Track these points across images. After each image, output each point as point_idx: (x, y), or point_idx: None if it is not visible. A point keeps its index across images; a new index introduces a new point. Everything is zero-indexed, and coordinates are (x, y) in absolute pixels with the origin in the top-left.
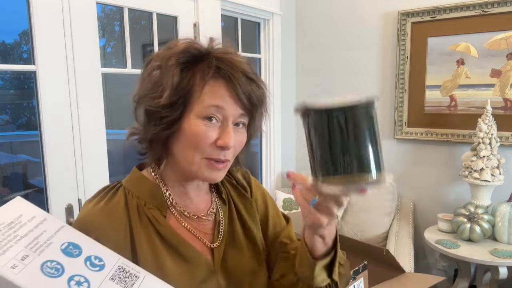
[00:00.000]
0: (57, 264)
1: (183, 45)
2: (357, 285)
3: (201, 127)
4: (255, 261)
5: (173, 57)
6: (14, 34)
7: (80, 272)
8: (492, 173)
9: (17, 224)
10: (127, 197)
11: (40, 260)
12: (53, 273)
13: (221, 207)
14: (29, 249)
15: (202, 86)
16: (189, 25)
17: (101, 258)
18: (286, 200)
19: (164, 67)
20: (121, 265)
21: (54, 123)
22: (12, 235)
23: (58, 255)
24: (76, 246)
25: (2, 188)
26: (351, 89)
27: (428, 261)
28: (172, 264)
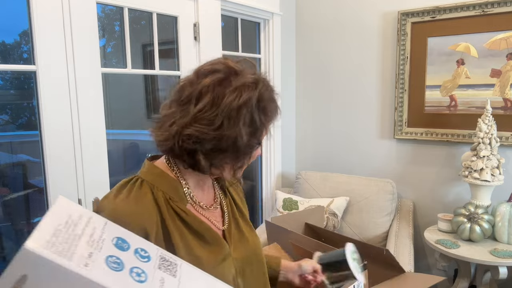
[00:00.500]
0: (117, 259)
1: (264, 91)
2: (357, 285)
3: (260, 149)
4: (253, 237)
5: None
6: (14, 34)
7: (136, 264)
8: (492, 173)
9: (71, 224)
10: (153, 190)
11: (102, 255)
12: (116, 267)
13: (223, 198)
14: (90, 246)
15: (272, 122)
16: (189, 25)
17: (146, 250)
18: (286, 200)
19: (263, 113)
20: (161, 255)
21: (54, 123)
22: (72, 234)
23: (114, 250)
24: (123, 240)
25: (2, 188)
26: (351, 89)
27: (428, 261)
28: (199, 248)
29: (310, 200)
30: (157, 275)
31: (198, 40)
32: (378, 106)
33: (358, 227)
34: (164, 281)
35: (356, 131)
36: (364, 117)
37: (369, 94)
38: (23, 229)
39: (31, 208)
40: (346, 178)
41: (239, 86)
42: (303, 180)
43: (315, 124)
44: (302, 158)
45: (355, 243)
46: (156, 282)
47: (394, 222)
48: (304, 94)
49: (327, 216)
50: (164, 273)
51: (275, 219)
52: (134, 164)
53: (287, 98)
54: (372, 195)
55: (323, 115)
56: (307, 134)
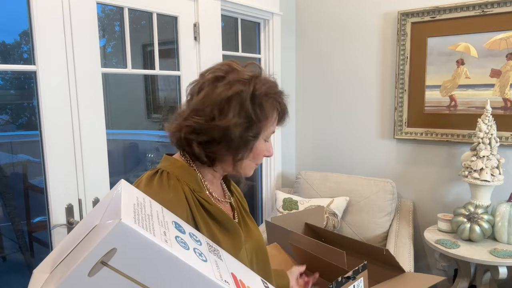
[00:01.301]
0: (182, 239)
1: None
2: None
3: (264, 145)
4: (257, 231)
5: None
6: (14, 34)
7: (195, 246)
8: (491, 173)
9: (140, 205)
10: (180, 182)
11: (172, 235)
12: (184, 246)
13: (230, 195)
14: (161, 226)
15: (271, 117)
16: (189, 25)
17: (196, 235)
18: (286, 200)
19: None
20: (207, 241)
21: (54, 123)
22: (145, 214)
23: (177, 232)
24: (179, 224)
25: (2, 188)
26: (351, 89)
27: (428, 261)
28: (221, 236)
29: (310, 200)
30: (211, 257)
31: (198, 40)
32: (378, 106)
33: (358, 227)
34: (217, 263)
35: (356, 131)
36: (364, 117)
37: (369, 94)
38: (23, 229)
39: (31, 208)
40: (346, 178)
41: (232, 81)
42: (303, 180)
43: (315, 124)
44: (302, 158)
45: (355, 243)
46: (213, 263)
47: (394, 222)
48: (304, 94)
49: (327, 216)
50: (215, 256)
51: (275, 219)
52: (134, 164)
53: (287, 98)
54: (372, 195)
55: (323, 115)
56: (307, 134)
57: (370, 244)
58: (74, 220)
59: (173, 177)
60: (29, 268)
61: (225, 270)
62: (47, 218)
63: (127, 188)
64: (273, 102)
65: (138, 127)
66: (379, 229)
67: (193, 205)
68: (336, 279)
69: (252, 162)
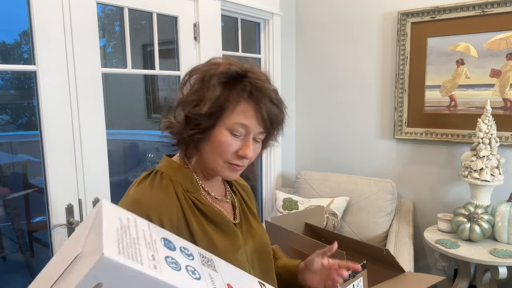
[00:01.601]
0: (172, 259)
1: (224, 66)
2: (357, 284)
3: (227, 138)
4: (262, 233)
5: (215, 76)
6: (14, 34)
7: (187, 263)
8: (491, 173)
9: (125, 228)
10: (173, 183)
11: (161, 256)
12: (175, 267)
13: (233, 195)
14: (148, 248)
15: (235, 105)
16: (189, 25)
17: (187, 248)
18: (285, 200)
19: (207, 83)
20: (199, 252)
21: (54, 123)
22: (130, 238)
23: (166, 250)
24: (168, 240)
25: (2, 188)
26: (351, 89)
27: (427, 261)
28: (216, 235)
29: (310, 200)
30: (205, 272)
31: (198, 40)
32: (378, 106)
33: (358, 227)
34: (212, 276)
35: (356, 131)
36: (364, 117)
37: (369, 94)
38: (23, 229)
39: (31, 208)
40: (346, 178)
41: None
42: (303, 180)
43: (315, 124)
44: (302, 158)
45: (355, 243)
46: (207, 278)
47: (394, 222)
48: (304, 94)
49: (327, 216)
50: (209, 269)
51: (275, 219)
52: (134, 164)
53: (287, 98)
54: (372, 195)
55: (323, 115)
56: (307, 134)
57: (370, 244)
58: (74, 220)
59: (166, 177)
60: (29, 268)
61: (220, 283)
62: (47, 218)
63: (109, 210)
64: (238, 89)
65: (138, 127)
66: (379, 229)
67: (185, 206)
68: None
69: (217, 156)
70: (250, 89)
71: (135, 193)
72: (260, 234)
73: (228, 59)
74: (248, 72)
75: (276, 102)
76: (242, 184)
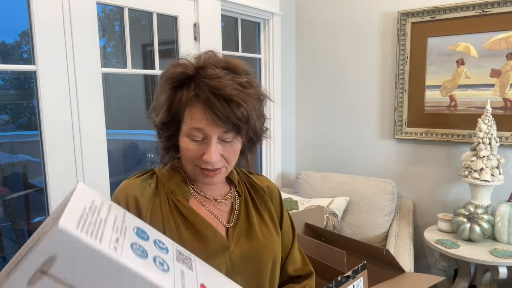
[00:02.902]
0: (140, 247)
1: (179, 69)
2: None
3: (188, 144)
4: (267, 238)
5: (168, 81)
6: (14, 34)
7: (157, 254)
8: (491, 173)
9: (95, 209)
10: (158, 184)
11: (127, 242)
12: (141, 254)
13: (237, 197)
14: (115, 232)
15: (184, 110)
16: (189, 25)
17: (163, 242)
18: (286, 200)
19: (162, 89)
20: (177, 248)
21: (54, 123)
22: (97, 219)
23: (136, 238)
24: (143, 231)
25: (2, 188)
26: (351, 89)
27: (428, 261)
28: (190, 239)
29: (310, 200)
30: (177, 267)
31: (198, 40)
32: (378, 106)
33: (358, 227)
34: (184, 273)
35: (356, 131)
36: (364, 117)
37: (369, 94)
38: (23, 229)
39: (31, 208)
40: (346, 178)
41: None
42: (303, 180)
43: (315, 124)
44: (302, 158)
45: (355, 243)
46: (177, 273)
47: (394, 222)
48: (304, 94)
49: (327, 216)
50: (183, 266)
51: None
52: (134, 164)
53: (287, 98)
54: (372, 195)
55: (323, 115)
56: (307, 134)
57: (370, 244)
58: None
59: (155, 178)
60: None
61: (193, 281)
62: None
63: (84, 191)
64: (186, 92)
65: (138, 127)
66: (379, 229)
67: (165, 204)
68: (335, 278)
69: (187, 161)
70: (195, 90)
71: (122, 184)
72: (260, 239)
73: (195, 57)
74: (200, 70)
75: (231, 97)
76: (261, 186)
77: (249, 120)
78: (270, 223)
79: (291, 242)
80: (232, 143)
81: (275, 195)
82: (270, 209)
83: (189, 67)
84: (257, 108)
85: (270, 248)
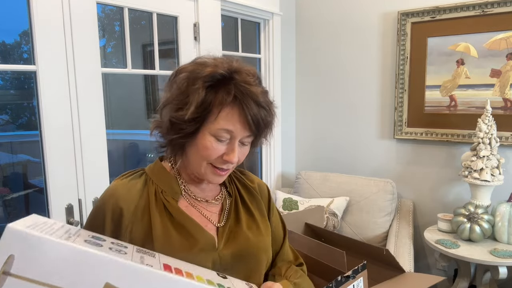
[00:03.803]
0: (95, 241)
1: (210, 69)
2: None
3: (212, 143)
4: (256, 237)
5: (200, 80)
6: (14, 34)
7: (113, 247)
8: (491, 173)
9: (47, 224)
10: (147, 183)
11: (81, 238)
12: (96, 243)
13: (228, 197)
14: (67, 234)
15: (219, 110)
16: (189, 25)
17: (122, 244)
18: (286, 200)
19: (191, 85)
20: (138, 248)
21: (54, 123)
22: (49, 228)
23: (90, 238)
24: (98, 237)
25: (2, 188)
26: (351, 89)
27: (428, 261)
28: (178, 238)
29: (310, 200)
30: (136, 254)
31: (198, 40)
32: (378, 106)
33: (358, 227)
34: (144, 258)
35: (356, 131)
36: (364, 117)
37: (369, 94)
38: None
39: (31, 208)
40: (346, 178)
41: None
42: (303, 180)
43: (315, 124)
44: (302, 158)
45: (355, 243)
46: (136, 257)
47: (394, 222)
48: (304, 94)
49: (327, 216)
50: (143, 254)
51: None
52: (134, 164)
53: (287, 98)
54: (372, 195)
55: (323, 115)
56: (307, 134)
57: (370, 244)
58: (74, 220)
59: (144, 177)
60: None
61: (154, 261)
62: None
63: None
64: (223, 93)
65: (138, 127)
66: (379, 229)
67: (153, 204)
68: (335, 278)
69: (201, 159)
70: (235, 93)
71: (110, 185)
72: (251, 239)
73: (215, 59)
74: (235, 74)
75: (263, 105)
76: (251, 185)
77: (270, 126)
78: (261, 222)
79: (282, 239)
80: (246, 147)
81: (264, 192)
82: (261, 208)
83: (221, 68)
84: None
85: (262, 247)
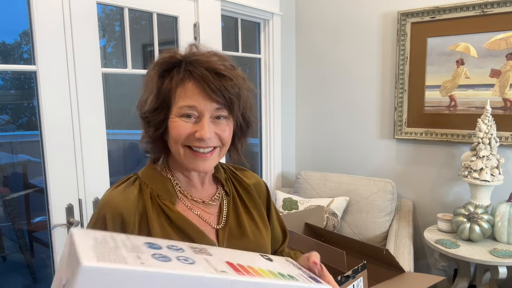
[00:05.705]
0: (160, 255)
1: (166, 55)
2: (357, 284)
3: (179, 123)
4: (258, 236)
5: (155, 67)
6: (14, 34)
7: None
8: (491, 173)
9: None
10: (142, 188)
11: (147, 255)
12: (165, 259)
13: (225, 197)
14: (131, 252)
15: (175, 89)
16: (189, 25)
17: (176, 245)
18: (286, 200)
19: (148, 77)
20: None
21: (55, 123)
22: (109, 248)
23: (152, 250)
24: (151, 243)
25: (2, 188)
26: (351, 89)
27: (427, 261)
28: (176, 240)
29: (310, 200)
30: (199, 257)
31: (198, 40)
32: (378, 106)
33: (358, 227)
34: (208, 259)
35: (356, 131)
36: (364, 117)
37: (368, 94)
38: (23, 229)
39: (31, 208)
40: (346, 178)
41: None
42: (303, 180)
43: (315, 124)
44: (302, 158)
45: (355, 243)
46: (203, 261)
47: (394, 222)
48: (304, 94)
49: (327, 216)
50: (203, 255)
51: None
52: (134, 164)
53: (287, 98)
54: (372, 195)
55: (323, 115)
56: (307, 134)
57: (370, 244)
58: (74, 220)
59: (137, 182)
60: (29, 268)
61: (218, 262)
62: (47, 218)
63: (80, 234)
64: (176, 73)
65: (138, 127)
66: (379, 229)
67: (151, 210)
68: (335, 278)
69: (176, 144)
70: (187, 67)
71: (105, 195)
72: (251, 238)
73: (172, 50)
74: (188, 55)
75: (223, 73)
76: (248, 183)
77: (241, 97)
78: (260, 221)
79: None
80: (224, 122)
81: (262, 191)
82: (259, 206)
83: (177, 54)
84: (245, 88)
85: (262, 246)
